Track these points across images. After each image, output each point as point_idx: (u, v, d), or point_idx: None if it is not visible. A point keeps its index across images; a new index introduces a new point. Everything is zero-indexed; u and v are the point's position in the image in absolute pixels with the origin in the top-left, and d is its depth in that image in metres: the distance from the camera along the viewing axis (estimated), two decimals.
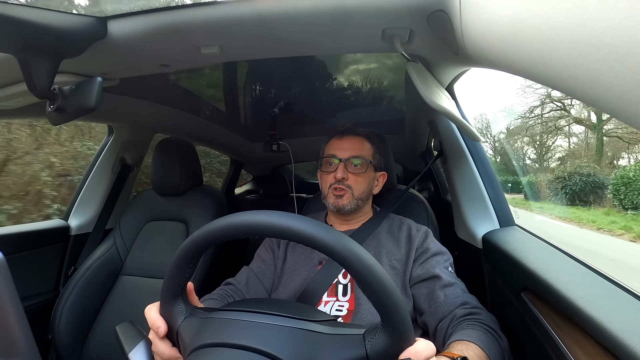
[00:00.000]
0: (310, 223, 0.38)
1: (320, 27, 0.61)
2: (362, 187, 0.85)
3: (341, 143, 0.87)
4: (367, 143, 0.89)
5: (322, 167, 0.89)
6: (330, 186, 0.85)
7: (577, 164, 9.84)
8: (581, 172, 8.19)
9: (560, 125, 13.23)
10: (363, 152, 0.86)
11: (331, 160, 0.86)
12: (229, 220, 0.40)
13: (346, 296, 0.76)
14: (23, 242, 1.18)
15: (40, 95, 0.59)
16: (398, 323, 0.37)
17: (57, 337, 1.05)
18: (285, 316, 0.43)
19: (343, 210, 0.84)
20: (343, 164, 0.84)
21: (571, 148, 13.66)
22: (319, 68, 1.22)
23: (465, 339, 0.56)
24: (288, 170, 2.43)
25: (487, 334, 0.59)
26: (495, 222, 0.90)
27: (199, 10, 0.58)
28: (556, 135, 13.59)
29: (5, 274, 0.44)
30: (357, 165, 0.85)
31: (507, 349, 0.61)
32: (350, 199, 0.84)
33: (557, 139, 13.87)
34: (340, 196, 0.84)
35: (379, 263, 0.38)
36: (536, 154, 14.48)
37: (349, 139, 0.87)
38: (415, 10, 0.55)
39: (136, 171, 1.55)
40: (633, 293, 0.48)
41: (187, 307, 0.47)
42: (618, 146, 11.40)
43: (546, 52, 0.32)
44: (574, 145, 13.65)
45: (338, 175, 0.83)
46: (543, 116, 13.29)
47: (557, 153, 14.15)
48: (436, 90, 0.73)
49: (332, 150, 0.87)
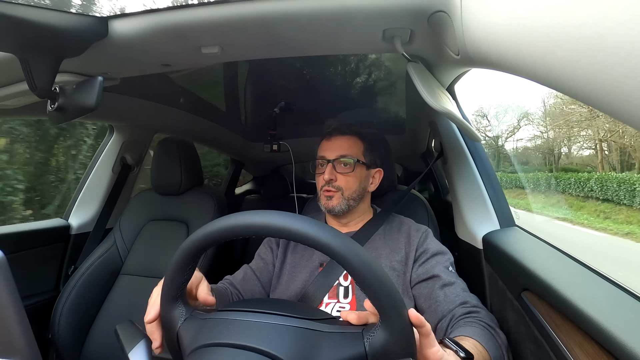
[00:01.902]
0: (310, 223, 0.38)
1: (321, 28, 0.61)
2: (353, 187, 0.85)
3: (329, 144, 0.87)
4: (356, 141, 0.88)
5: (315, 169, 0.89)
6: (322, 188, 0.86)
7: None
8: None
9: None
10: (351, 151, 0.85)
11: (321, 162, 0.87)
12: (227, 221, 0.40)
13: (347, 298, 0.76)
14: (24, 241, 1.18)
15: (41, 94, 0.60)
16: (396, 320, 0.37)
17: (57, 336, 1.05)
18: (283, 315, 0.43)
19: (333, 211, 0.84)
20: (331, 165, 0.84)
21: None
22: (320, 68, 1.22)
23: (463, 335, 0.57)
24: (288, 170, 2.43)
25: (485, 330, 0.60)
26: (496, 222, 0.90)
27: (199, 10, 0.58)
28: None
29: (5, 273, 0.45)
30: (346, 165, 0.84)
31: (505, 345, 0.61)
32: (339, 199, 0.83)
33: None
34: (330, 197, 0.84)
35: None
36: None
37: (337, 139, 0.87)
38: (416, 10, 0.55)
39: (136, 171, 1.55)
40: (633, 294, 0.48)
41: (187, 309, 0.47)
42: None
43: (547, 53, 0.32)
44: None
45: (325, 177, 0.83)
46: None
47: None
48: (437, 90, 0.73)
49: (321, 152, 0.87)
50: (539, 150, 17.56)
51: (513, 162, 16.62)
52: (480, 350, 0.54)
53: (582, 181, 10.39)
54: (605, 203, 9.24)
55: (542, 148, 17.59)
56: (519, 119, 17.83)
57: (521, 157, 18.04)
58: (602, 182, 9.56)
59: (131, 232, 1.25)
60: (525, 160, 17.73)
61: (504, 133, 18.64)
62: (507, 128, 18.51)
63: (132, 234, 1.25)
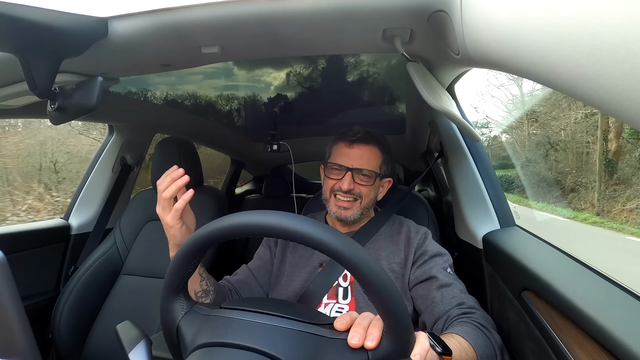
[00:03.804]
0: (324, 229, 0.37)
1: (321, 27, 0.61)
2: (369, 197, 0.84)
3: (351, 152, 0.83)
4: (376, 152, 0.85)
5: (327, 172, 0.87)
6: (332, 191, 0.84)
7: None
8: None
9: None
10: (371, 164, 0.83)
11: (337, 169, 0.83)
12: (239, 218, 0.39)
13: (346, 299, 0.76)
14: (24, 241, 1.18)
15: (41, 94, 0.60)
16: (401, 330, 0.38)
17: (58, 337, 1.05)
18: (288, 318, 0.43)
19: (346, 220, 0.83)
20: (350, 174, 0.81)
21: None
22: (320, 67, 1.22)
23: (451, 332, 0.57)
24: (288, 170, 2.43)
25: (476, 329, 0.60)
26: (496, 222, 0.90)
27: (199, 10, 0.58)
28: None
29: (5, 273, 0.45)
30: (365, 177, 0.82)
31: (499, 345, 0.61)
32: (356, 209, 0.82)
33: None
34: (346, 208, 0.82)
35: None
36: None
37: (359, 147, 0.83)
38: (416, 10, 0.55)
39: (137, 171, 1.55)
40: (633, 294, 0.48)
41: (188, 303, 0.46)
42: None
43: (547, 52, 0.32)
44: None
45: (344, 187, 0.80)
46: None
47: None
48: (437, 90, 0.73)
49: (340, 158, 0.84)
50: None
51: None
52: (464, 347, 0.54)
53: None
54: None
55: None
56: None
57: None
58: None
59: (131, 232, 1.25)
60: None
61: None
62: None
63: (132, 234, 1.25)
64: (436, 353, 0.46)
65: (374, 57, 1.11)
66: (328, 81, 1.34)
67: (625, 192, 7.28)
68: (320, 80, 1.33)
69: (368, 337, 0.39)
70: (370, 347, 0.38)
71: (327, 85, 1.37)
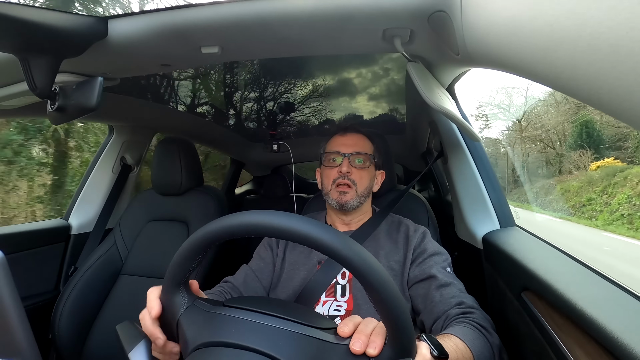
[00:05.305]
0: (326, 230, 0.37)
1: (321, 28, 0.61)
2: (365, 183, 0.86)
3: (344, 139, 0.89)
4: (368, 141, 0.91)
5: (325, 163, 0.90)
6: (333, 182, 0.85)
7: None
8: None
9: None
10: (365, 149, 0.88)
11: (334, 157, 0.88)
12: (247, 217, 0.39)
13: (344, 297, 0.76)
14: (23, 241, 1.18)
15: (41, 94, 0.60)
16: (404, 340, 0.38)
17: (58, 337, 1.05)
18: (293, 321, 0.42)
19: (346, 206, 0.84)
20: (347, 159, 0.85)
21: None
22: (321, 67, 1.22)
23: (448, 333, 0.57)
24: (288, 170, 2.43)
25: (474, 330, 0.60)
26: (496, 222, 0.90)
27: (199, 10, 0.58)
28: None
29: (5, 273, 0.44)
30: (361, 162, 0.87)
31: (498, 346, 0.61)
32: (354, 195, 0.84)
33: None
34: (344, 192, 0.84)
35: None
36: None
37: (352, 136, 0.89)
38: (416, 10, 0.55)
39: (137, 171, 1.55)
40: (634, 294, 0.48)
41: (190, 297, 0.46)
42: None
43: (547, 52, 0.32)
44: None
45: (343, 169, 0.84)
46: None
47: None
48: (437, 90, 0.73)
49: (335, 147, 0.88)
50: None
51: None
52: (460, 349, 0.53)
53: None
54: None
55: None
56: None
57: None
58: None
59: (131, 232, 1.25)
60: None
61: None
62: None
63: (132, 234, 1.25)
64: (432, 357, 0.46)
65: (374, 56, 1.11)
66: (328, 80, 1.34)
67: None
68: (321, 79, 1.33)
69: (370, 345, 0.39)
70: (372, 354, 0.38)
71: (328, 84, 1.37)
